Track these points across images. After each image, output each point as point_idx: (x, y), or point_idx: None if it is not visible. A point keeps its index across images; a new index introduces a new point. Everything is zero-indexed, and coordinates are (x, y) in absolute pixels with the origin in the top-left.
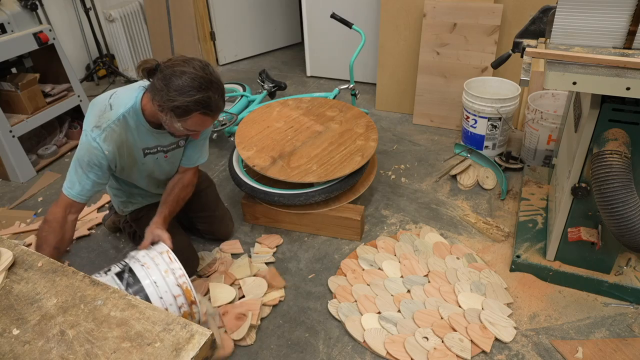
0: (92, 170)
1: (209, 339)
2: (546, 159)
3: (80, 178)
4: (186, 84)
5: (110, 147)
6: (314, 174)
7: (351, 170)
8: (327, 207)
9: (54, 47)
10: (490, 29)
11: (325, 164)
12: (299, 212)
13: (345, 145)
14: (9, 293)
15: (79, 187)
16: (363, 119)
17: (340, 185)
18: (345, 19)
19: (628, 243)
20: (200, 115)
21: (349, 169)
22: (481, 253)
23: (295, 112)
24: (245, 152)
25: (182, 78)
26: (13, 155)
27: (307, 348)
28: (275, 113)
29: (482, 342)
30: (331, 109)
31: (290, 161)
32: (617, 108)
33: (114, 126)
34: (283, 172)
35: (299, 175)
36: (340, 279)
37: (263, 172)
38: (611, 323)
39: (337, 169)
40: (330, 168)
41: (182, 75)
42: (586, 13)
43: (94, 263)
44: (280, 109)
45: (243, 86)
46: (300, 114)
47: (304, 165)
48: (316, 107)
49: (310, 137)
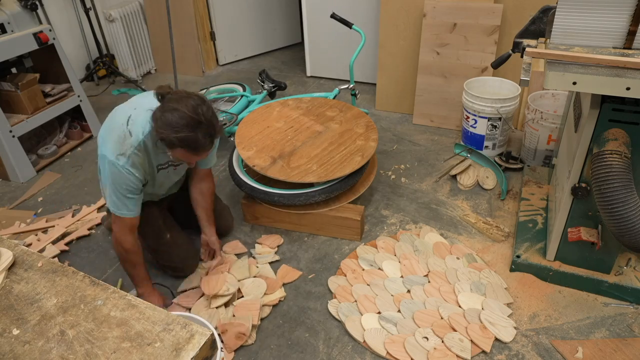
0: (131, 193)
1: (209, 339)
2: (546, 159)
3: (124, 201)
4: (174, 121)
5: (138, 171)
6: (314, 174)
7: (351, 170)
8: (327, 207)
9: (54, 47)
10: (490, 29)
11: (325, 164)
12: (299, 212)
13: (345, 145)
14: (9, 293)
15: (126, 207)
16: (363, 119)
17: (340, 185)
18: (345, 19)
19: (628, 243)
20: (184, 151)
21: (349, 168)
22: (481, 253)
23: (295, 112)
24: (245, 152)
25: (173, 114)
26: (13, 155)
27: (307, 348)
28: (275, 113)
29: (482, 342)
30: (331, 109)
31: (290, 161)
32: (617, 108)
33: (137, 152)
34: (283, 172)
35: (299, 175)
36: (340, 279)
37: (263, 172)
38: (611, 323)
39: (337, 168)
40: (330, 168)
41: (174, 112)
42: (586, 13)
43: (93, 263)
44: (280, 109)
45: (243, 86)
46: (300, 114)
47: (304, 165)
48: (316, 107)
49: (310, 137)
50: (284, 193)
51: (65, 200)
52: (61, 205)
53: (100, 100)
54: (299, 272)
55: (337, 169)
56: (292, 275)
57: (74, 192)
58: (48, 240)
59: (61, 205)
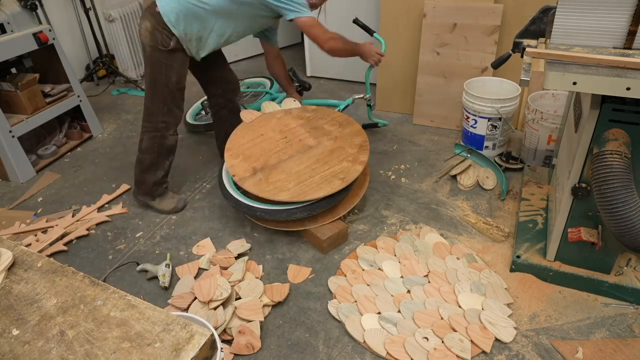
0: None
1: (209, 339)
2: (546, 159)
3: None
4: None
5: None
6: (287, 193)
7: (325, 194)
8: (311, 223)
9: (54, 47)
10: (490, 29)
11: (302, 183)
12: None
13: (330, 165)
14: (9, 293)
15: (306, 6)
16: (359, 137)
17: (322, 204)
18: (367, 26)
19: (628, 243)
20: None
21: (324, 192)
22: (481, 253)
23: (295, 122)
24: (230, 159)
25: None
26: (13, 155)
27: (307, 348)
28: (275, 121)
29: (482, 343)
30: (331, 122)
31: (269, 175)
32: (617, 108)
33: None
34: (258, 187)
35: (273, 192)
36: (340, 279)
37: (240, 184)
38: (611, 323)
39: (313, 190)
40: (306, 188)
41: None
42: (586, 13)
43: (93, 263)
44: (282, 116)
45: (271, 80)
46: (299, 125)
47: (282, 181)
48: (317, 118)
49: (299, 151)
50: (267, 208)
51: (65, 201)
52: (61, 206)
53: (100, 101)
54: (308, 270)
55: (313, 190)
56: (303, 274)
57: (74, 192)
58: (47, 241)
59: (61, 206)
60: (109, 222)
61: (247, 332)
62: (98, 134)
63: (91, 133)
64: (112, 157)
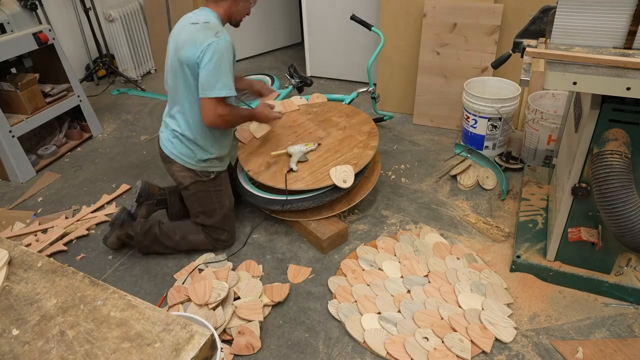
0: (231, 66)
1: (209, 339)
2: (546, 159)
3: (229, 78)
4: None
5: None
6: (303, 181)
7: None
8: (312, 216)
9: (54, 47)
10: (490, 29)
11: (316, 172)
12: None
13: (342, 153)
14: (9, 293)
15: (230, 86)
16: (367, 125)
17: (327, 194)
18: (365, 21)
19: (628, 243)
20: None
21: None
22: (481, 253)
23: (303, 117)
24: (242, 154)
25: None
26: (13, 155)
27: (307, 348)
28: (283, 117)
29: (482, 343)
30: (339, 114)
31: (283, 168)
32: (617, 108)
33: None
34: (274, 179)
35: (289, 181)
36: (340, 279)
37: (255, 177)
38: (611, 323)
39: (327, 177)
40: (320, 176)
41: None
42: (586, 13)
43: (93, 263)
44: (289, 112)
45: (272, 78)
46: (307, 119)
47: (296, 171)
48: (324, 111)
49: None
50: (294, 198)
51: (64, 201)
52: (61, 206)
53: (100, 101)
54: (308, 270)
55: (327, 177)
56: (303, 274)
57: (74, 192)
58: (47, 241)
59: (61, 206)
60: (108, 221)
61: (247, 332)
62: (98, 134)
63: (91, 133)
64: (112, 157)
